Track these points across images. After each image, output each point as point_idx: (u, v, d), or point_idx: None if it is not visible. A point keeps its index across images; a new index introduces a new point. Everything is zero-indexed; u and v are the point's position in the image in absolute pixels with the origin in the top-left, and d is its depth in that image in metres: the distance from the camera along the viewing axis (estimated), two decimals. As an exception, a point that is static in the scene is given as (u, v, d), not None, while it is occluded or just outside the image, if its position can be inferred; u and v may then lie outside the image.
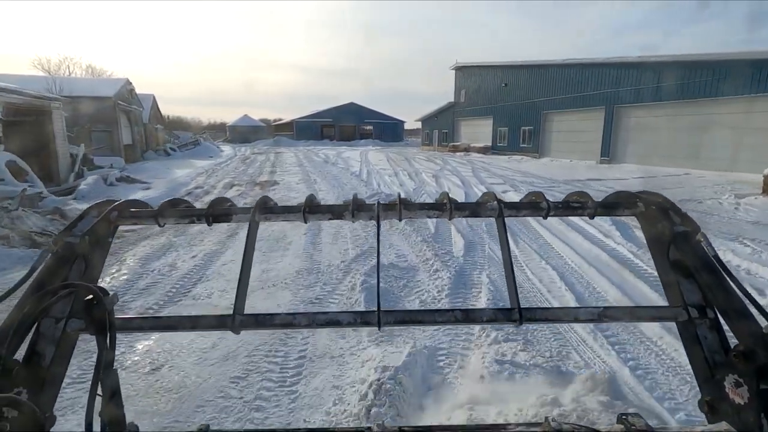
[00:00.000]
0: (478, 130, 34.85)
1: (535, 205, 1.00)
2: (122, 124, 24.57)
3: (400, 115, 64.83)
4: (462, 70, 36.92)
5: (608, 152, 22.00)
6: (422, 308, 3.96)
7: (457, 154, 34.54)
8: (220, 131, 70.97)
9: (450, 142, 37.83)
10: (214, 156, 30.23)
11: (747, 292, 0.80)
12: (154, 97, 34.57)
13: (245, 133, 61.47)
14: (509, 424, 0.84)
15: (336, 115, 60.64)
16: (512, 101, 29.87)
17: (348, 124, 61.21)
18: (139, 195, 11.73)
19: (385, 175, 17.46)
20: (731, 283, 0.82)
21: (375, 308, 0.85)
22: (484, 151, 32.52)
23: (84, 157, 18.04)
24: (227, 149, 41.32)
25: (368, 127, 62.35)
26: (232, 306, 0.87)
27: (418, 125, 48.65)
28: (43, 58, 50.27)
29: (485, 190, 1.10)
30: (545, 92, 26.48)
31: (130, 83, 26.46)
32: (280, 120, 72.50)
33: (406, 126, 66.14)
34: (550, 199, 1.00)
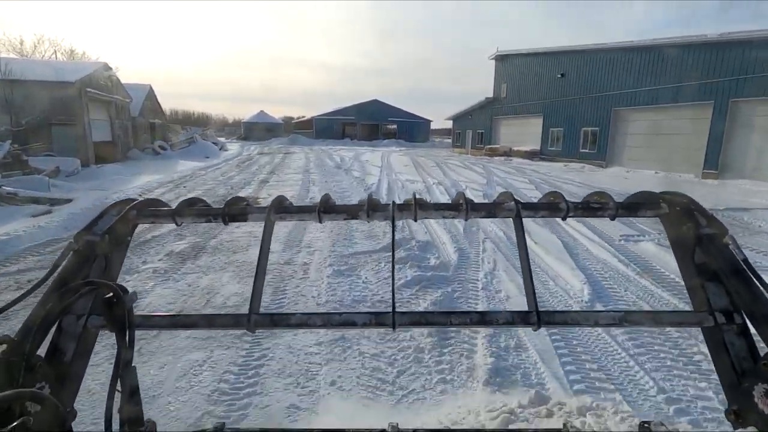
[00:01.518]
0: (523, 131, 29.26)
1: (553, 206, 0.97)
2: (93, 116, 20.35)
3: (424, 114, 59.50)
4: (504, 60, 31.35)
5: (717, 163, 16.20)
6: (437, 310, 2.93)
7: (496, 158, 29.12)
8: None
9: (487, 145, 32.36)
10: (211, 156, 25.83)
11: None
12: (150, 88, 30.48)
13: (260, 130, 57.39)
14: (528, 430, 0.91)
15: (358, 113, 56.22)
16: (571, 96, 24.19)
17: (370, 122, 56.57)
18: None
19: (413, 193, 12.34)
20: (761, 288, 0.78)
21: (390, 309, 0.85)
22: (530, 156, 26.97)
23: (16, 157, 13.75)
24: (234, 148, 37.10)
25: (392, 126, 57.76)
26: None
27: (444, 125, 43.34)
28: (14, 38, 45.75)
29: (590, 234, 1.53)
30: (618, 83, 20.75)
31: (109, 68, 22.25)
32: (303, 117, 68.33)
33: (432, 126, 61.00)
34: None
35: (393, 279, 0.93)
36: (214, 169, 19.88)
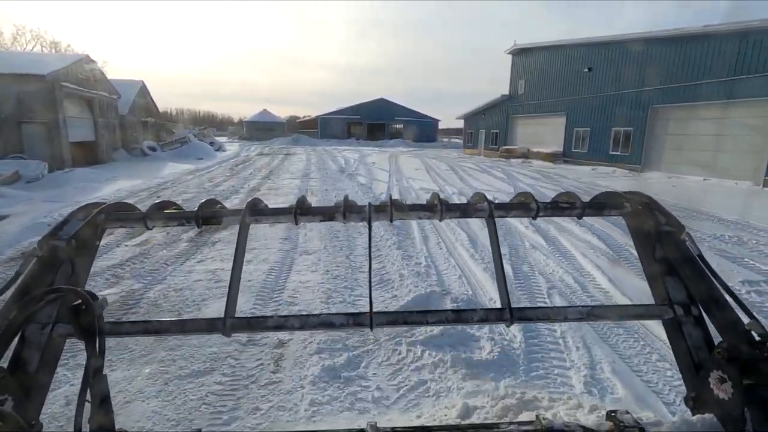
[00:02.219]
0: (543, 131, 26.97)
1: (524, 206, 0.99)
2: (72, 113, 18.42)
3: (430, 114, 57.45)
4: (522, 55, 29.05)
5: (783, 169, 13.87)
6: (414, 309, 2.36)
7: (512, 160, 26.91)
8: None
9: (502, 145, 30.10)
10: (205, 158, 23.85)
11: (730, 289, 0.81)
12: (143, 84, 28.60)
13: (263, 129, 55.48)
14: (502, 423, 0.87)
15: (364, 111, 54.22)
16: (599, 92, 21.89)
17: (376, 121, 54.50)
18: None
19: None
20: (715, 281, 0.82)
21: (367, 310, 0.85)
22: (551, 158, 24.68)
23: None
24: (233, 148, 35.15)
25: (399, 126, 55.69)
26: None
27: (450, 124, 41.12)
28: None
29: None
30: (657, 78, 18.43)
31: (92, 60, 20.29)
32: (308, 116, 66.22)
33: (438, 125, 58.75)
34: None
35: (370, 280, 0.96)
36: (204, 172, 17.85)
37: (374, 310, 0.85)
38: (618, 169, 19.91)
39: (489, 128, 32.98)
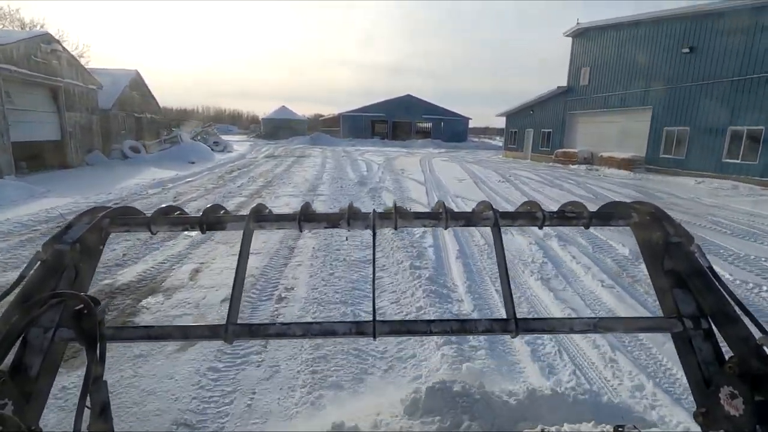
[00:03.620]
0: (613, 130, 21.58)
1: (530, 215, 0.98)
2: (25, 105, 14.50)
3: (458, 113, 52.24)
4: (586, 37, 23.65)
5: None
6: (417, 319, 3.12)
7: (572, 167, 21.70)
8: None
9: (557, 148, 24.82)
10: (199, 161, 19.72)
11: (741, 302, 0.79)
12: (136, 74, 24.76)
13: (281, 127, 51.52)
14: None
15: (389, 109, 49.73)
16: (705, 79, 16.43)
17: (403, 120, 49.81)
18: None
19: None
20: (725, 294, 0.81)
21: (370, 318, 0.84)
22: (628, 165, 19.34)
23: None
24: (241, 149, 31.06)
25: (426, 125, 50.83)
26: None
27: (479, 123, 35.88)
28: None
29: None
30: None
31: (54, 40, 16.28)
32: (332, 114, 61.94)
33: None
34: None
35: (374, 289, 0.93)
36: (180, 183, 13.58)
37: (378, 318, 0.84)
38: (741, 184, 14.48)
39: (539, 127, 27.67)
